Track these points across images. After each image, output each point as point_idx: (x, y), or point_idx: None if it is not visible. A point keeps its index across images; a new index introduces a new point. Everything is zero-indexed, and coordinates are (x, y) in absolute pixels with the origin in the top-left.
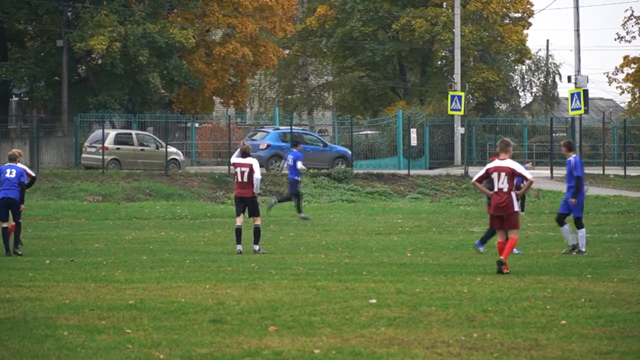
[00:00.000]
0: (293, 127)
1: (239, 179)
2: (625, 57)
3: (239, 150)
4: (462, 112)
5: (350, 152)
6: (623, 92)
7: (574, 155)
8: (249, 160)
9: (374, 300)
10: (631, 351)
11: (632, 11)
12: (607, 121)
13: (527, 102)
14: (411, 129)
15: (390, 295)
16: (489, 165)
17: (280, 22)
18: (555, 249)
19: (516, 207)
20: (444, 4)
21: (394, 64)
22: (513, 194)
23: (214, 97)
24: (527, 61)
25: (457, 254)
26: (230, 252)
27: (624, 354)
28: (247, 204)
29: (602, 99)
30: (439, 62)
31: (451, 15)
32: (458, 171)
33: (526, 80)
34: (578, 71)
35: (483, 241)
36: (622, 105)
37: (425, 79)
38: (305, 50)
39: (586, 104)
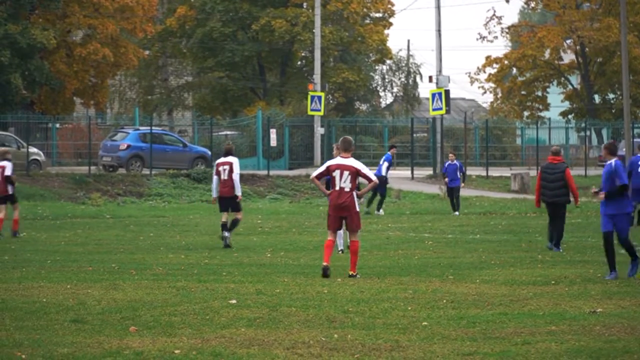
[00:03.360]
0: (153, 128)
1: (222, 177)
2: (488, 57)
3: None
4: (322, 113)
5: (210, 152)
6: (485, 92)
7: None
8: (230, 158)
9: (234, 301)
10: (493, 352)
11: (494, 11)
12: (469, 121)
13: (388, 102)
14: (271, 130)
15: (250, 295)
16: (330, 162)
17: (140, 23)
18: (417, 250)
19: (358, 207)
20: (304, 4)
21: (254, 64)
22: (354, 193)
23: (74, 98)
24: (388, 61)
25: (317, 254)
26: (91, 252)
27: (486, 355)
28: (229, 203)
29: (464, 99)
30: (299, 63)
31: (311, 16)
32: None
33: (387, 80)
34: (439, 71)
35: (557, 244)
36: (484, 105)
37: (285, 80)
38: (165, 51)
39: (447, 104)
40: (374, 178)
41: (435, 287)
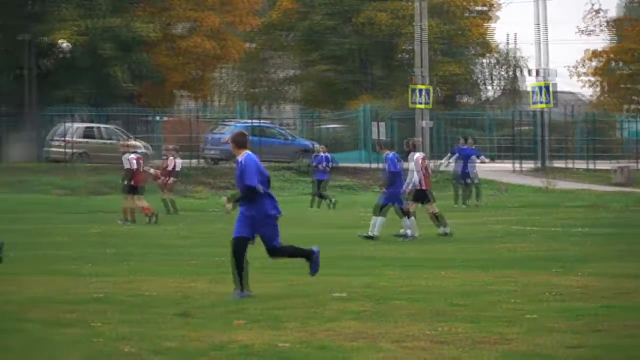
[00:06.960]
0: (257, 121)
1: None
2: (587, 51)
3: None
4: (430, 106)
5: (312, 145)
6: (585, 86)
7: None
8: (419, 154)
9: (344, 294)
10: (599, 345)
11: (592, 5)
12: (570, 115)
13: (492, 95)
14: (378, 123)
15: (358, 288)
16: None
17: (244, 16)
18: (521, 244)
19: None
20: None
21: (357, 57)
22: None
23: (177, 91)
24: (494, 55)
25: (424, 248)
26: (194, 246)
27: (592, 348)
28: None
29: (564, 92)
30: (400, 56)
31: (412, 9)
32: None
33: (491, 73)
34: (543, 64)
35: None
36: (584, 99)
37: (389, 73)
38: (269, 44)
39: (554, 97)
40: None
41: (541, 280)
